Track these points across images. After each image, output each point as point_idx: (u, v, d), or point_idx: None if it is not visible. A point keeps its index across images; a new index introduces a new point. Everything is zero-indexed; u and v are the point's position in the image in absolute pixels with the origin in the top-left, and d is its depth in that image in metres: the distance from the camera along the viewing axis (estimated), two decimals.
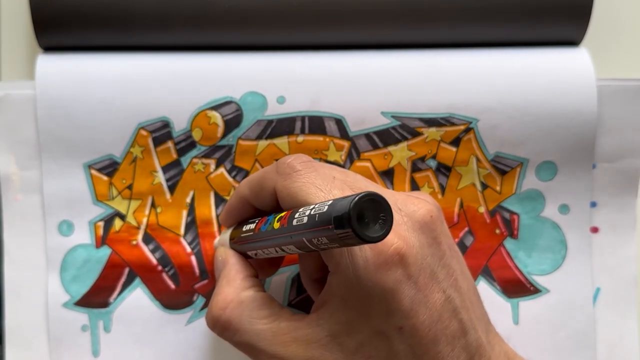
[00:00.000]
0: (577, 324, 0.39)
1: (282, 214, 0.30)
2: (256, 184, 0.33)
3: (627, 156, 0.39)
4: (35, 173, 0.38)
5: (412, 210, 0.30)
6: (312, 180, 0.30)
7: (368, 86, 0.38)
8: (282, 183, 0.31)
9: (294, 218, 0.28)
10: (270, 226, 0.30)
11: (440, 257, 0.30)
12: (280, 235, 0.29)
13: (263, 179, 0.32)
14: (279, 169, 0.31)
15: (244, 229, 0.33)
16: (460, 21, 0.38)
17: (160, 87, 0.37)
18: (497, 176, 0.39)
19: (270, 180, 0.32)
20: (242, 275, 0.33)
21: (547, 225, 0.39)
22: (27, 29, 0.40)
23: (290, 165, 0.31)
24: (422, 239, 0.30)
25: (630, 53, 0.43)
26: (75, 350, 0.38)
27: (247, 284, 0.32)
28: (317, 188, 0.30)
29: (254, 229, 0.32)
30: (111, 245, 0.38)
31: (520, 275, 0.39)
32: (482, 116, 0.38)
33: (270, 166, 0.32)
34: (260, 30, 0.38)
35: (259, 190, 0.33)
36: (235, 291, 0.32)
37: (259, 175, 0.33)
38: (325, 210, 0.26)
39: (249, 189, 0.33)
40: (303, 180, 0.30)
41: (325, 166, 0.32)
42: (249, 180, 0.34)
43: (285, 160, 0.31)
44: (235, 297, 0.32)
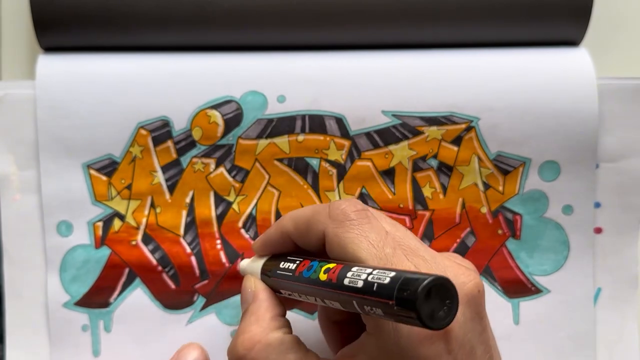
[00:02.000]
0: (577, 324, 0.39)
1: (330, 265, 0.29)
2: (303, 223, 0.32)
3: (630, 156, 0.39)
4: (34, 173, 0.37)
5: (462, 282, 0.30)
6: (365, 233, 0.29)
7: (368, 85, 0.38)
8: (333, 230, 0.30)
9: (346, 277, 0.27)
10: (315, 274, 0.29)
11: (481, 332, 0.30)
12: (326, 289, 0.28)
13: (312, 219, 0.31)
14: (332, 214, 0.30)
15: (282, 266, 0.32)
16: (461, 21, 0.38)
17: (160, 87, 0.37)
18: (499, 176, 0.39)
19: (320, 223, 0.31)
20: (272, 315, 0.32)
21: (550, 226, 0.39)
22: (28, 30, 0.40)
23: (344, 212, 0.30)
24: (467, 313, 0.29)
25: (630, 53, 0.42)
26: (75, 350, 0.38)
27: (276, 324, 0.31)
28: (369, 243, 0.29)
29: (295, 271, 0.31)
30: (110, 245, 0.38)
31: (522, 275, 0.39)
32: (483, 115, 0.38)
33: (321, 207, 0.31)
34: (261, 30, 0.37)
35: (305, 230, 0.31)
36: (264, 332, 0.31)
37: (308, 214, 0.32)
38: (387, 283, 0.24)
39: (294, 226, 0.32)
40: (356, 232, 0.29)
41: (378, 217, 0.31)
42: (296, 217, 0.32)
43: (340, 205, 0.30)
44: (263, 337, 0.30)
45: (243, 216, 0.38)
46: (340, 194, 0.38)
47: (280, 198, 0.38)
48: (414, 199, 0.39)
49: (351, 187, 0.38)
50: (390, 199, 0.39)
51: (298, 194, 0.38)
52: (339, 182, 0.38)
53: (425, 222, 0.39)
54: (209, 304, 0.38)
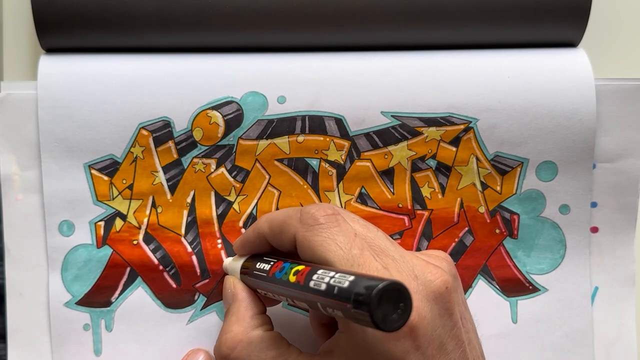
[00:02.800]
0: (575, 323, 0.39)
1: (299, 268, 0.30)
2: (277, 226, 0.33)
3: (627, 156, 0.39)
4: (35, 173, 0.38)
5: (429, 279, 0.30)
6: (333, 236, 0.30)
7: (368, 86, 0.38)
8: (303, 233, 0.31)
9: (312, 279, 0.28)
10: (285, 276, 0.30)
11: (451, 327, 0.30)
12: (294, 290, 0.29)
13: (285, 223, 0.32)
14: (302, 218, 0.32)
15: (257, 266, 0.33)
16: (459, 23, 0.38)
17: (161, 87, 0.37)
18: (497, 176, 0.39)
19: (292, 226, 0.32)
20: (251, 313, 0.33)
21: (547, 225, 0.39)
22: (30, 31, 0.40)
23: (314, 216, 0.31)
24: (435, 309, 0.30)
25: (628, 54, 0.43)
26: (77, 349, 0.38)
27: (256, 322, 0.33)
28: (337, 246, 0.30)
29: (268, 272, 0.32)
30: (112, 245, 0.38)
31: (519, 274, 0.39)
32: (481, 116, 0.38)
33: (294, 211, 0.33)
34: (261, 32, 0.38)
35: (279, 233, 0.33)
36: (245, 330, 0.32)
37: (281, 217, 0.33)
38: (346, 287, 0.26)
39: (269, 228, 0.33)
40: (324, 235, 0.31)
41: (348, 218, 0.32)
42: (270, 219, 0.34)
43: (310, 210, 0.32)
44: (244, 336, 0.32)
45: (244, 216, 0.38)
46: (340, 194, 0.39)
47: (281, 198, 0.39)
48: (413, 199, 0.39)
49: (351, 187, 0.39)
50: (390, 198, 0.39)
51: (298, 194, 0.39)
52: (338, 182, 0.39)
53: (424, 221, 0.39)
54: (210, 303, 0.39)
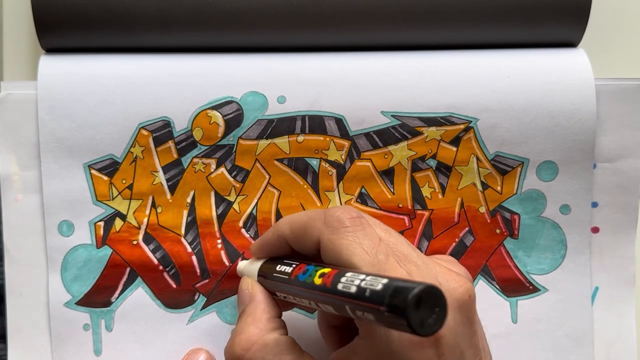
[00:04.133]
0: (575, 323, 0.39)
1: (325, 270, 0.29)
2: (299, 228, 0.32)
3: (628, 156, 0.39)
4: (35, 173, 0.38)
5: (453, 287, 0.30)
6: (359, 240, 0.30)
7: (368, 86, 0.38)
8: (328, 236, 0.31)
9: (340, 282, 0.27)
10: (310, 279, 0.30)
11: (471, 336, 0.30)
12: (321, 293, 0.29)
13: (308, 225, 0.32)
14: (327, 221, 0.31)
15: (278, 269, 0.33)
16: (459, 23, 0.38)
17: (161, 87, 0.37)
18: (497, 176, 0.39)
19: (315, 229, 0.31)
20: (268, 316, 0.32)
21: (548, 225, 0.39)
22: (30, 31, 0.40)
23: (339, 219, 0.31)
24: (457, 318, 0.30)
25: (628, 54, 0.43)
26: (77, 349, 0.38)
27: (272, 326, 0.32)
28: (363, 250, 0.29)
29: (290, 274, 0.31)
30: (112, 245, 0.38)
31: (520, 274, 0.39)
32: (481, 115, 0.38)
33: (317, 213, 0.32)
34: (261, 32, 0.38)
35: (301, 235, 0.32)
36: (260, 332, 0.32)
37: (304, 219, 0.32)
38: (379, 289, 0.25)
39: (291, 230, 0.33)
40: (350, 239, 0.30)
41: (372, 223, 0.32)
42: (292, 222, 0.33)
43: (335, 212, 0.31)
44: (260, 338, 0.31)
45: (244, 216, 0.38)
46: (340, 194, 0.39)
47: (281, 198, 0.39)
48: (413, 199, 0.39)
49: (351, 187, 0.39)
50: (390, 198, 0.39)
51: (298, 194, 0.39)
52: (338, 182, 0.39)
53: (424, 221, 0.39)
54: (210, 303, 0.39)
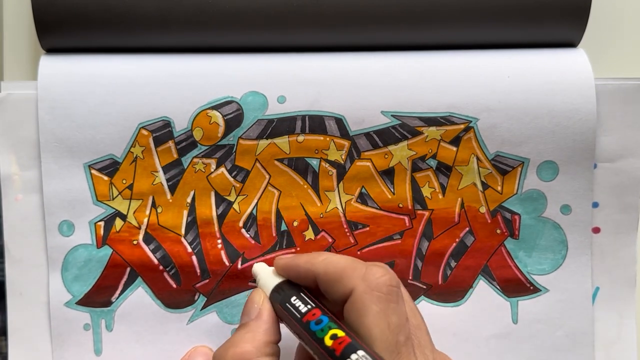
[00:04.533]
0: (575, 323, 0.39)
1: (339, 333, 0.29)
2: (334, 272, 0.31)
3: (628, 156, 0.39)
4: (35, 173, 0.38)
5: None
6: (388, 312, 0.30)
7: (368, 86, 0.38)
8: (362, 294, 0.30)
9: (350, 358, 0.27)
10: (321, 333, 0.29)
11: None
12: (325, 354, 0.29)
13: (345, 273, 0.31)
14: (367, 278, 0.30)
15: (293, 301, 0.32)
16: (460, 23, 0.38)
17: (161, 87, 0.37)
18: (498, 176, 0.39)
19: (353, 280, 0.31)
20: (267, 339, 0.32)
21: (549, 226, 0.39)
22: (30, 31, 0.40)
23: (379, 282, 0.30)
24: None
25: (627, 53, 0.43)
26: (77, 348, 0.38)
27: (267, 351, 0.32)
28: (387, 325, 0.29)
29: (303, 316, 0.31)
30: (112, 245, 0.38)
31: (520, 274, 0.39)
32: (481, 115, 0.38)
33: (358, 264, 0.32)
34: (261, 32, 0.38)
35: (335, 280, 0.31)
36: (254, 353, 0.31)
37: (343, 265, 0.32)
38: None
39: (325, 271, 0.32)
40: (381, 307, 0.30)
41: (405, 300, 0.32)
42: (329, 263, 0.32)
43: (377, 273, 0.31)
44: (252, 358, 0.31)
45: (244, 216, 0.38)
46: (340, 193, 0.39)
47: (281, 198, 0.39)
48: (413, 199, 0.39)
49: (351, 187, 0.39)
50: (390, 198, 0.39)
51: (298, 194, 0.39)
52: (338, 182, 0.39)
53: (424, 221, 0.39)
54: (210, 303, 0.39)
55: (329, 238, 0.39)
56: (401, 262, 0.39)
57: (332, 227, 0.39)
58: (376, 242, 0.39)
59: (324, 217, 0.39)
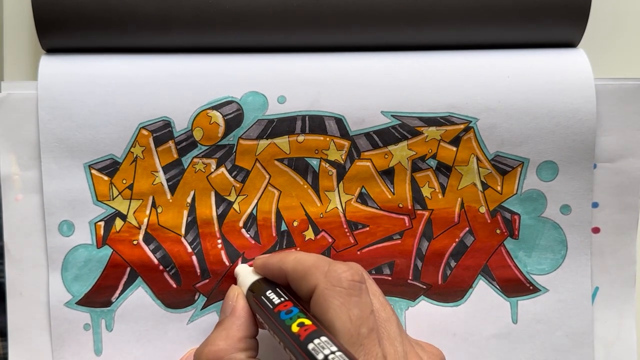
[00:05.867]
0: (575, 323, 0.39)
1: (306, 322, 0.30)
2: (301, 270, 0.33)
3: (628, 156, 0.39)
4: (36, 173, 0.38)
5: None
6: (349, 306, 0.31)
7: (368, 86, 0.38)
8: (323, 289, 0.31)
9: (312, 342, 0.29)
10: (289, 321, 0.31)
11: None
12: (290, 340, 0.30)
13: (310, 271, 0.32)
14: (328, 274, 0.32)
15: (267, 294, 0.33)
16: (459, 23, 0.38)
17: (161, 87, 0.37)
18: (497, 176, 0.39)
19: (315, 277, 0.32)
20: (242, 335, 0.33)
21: (548, 226, 0.39)
22: (30, 31, 0.40)
23: (339, 278, 0.31)
24: None
25: (627, 54, 0.43)
26: (77, 348, 0.38)
27: (242, 346, 0.33)
28: (349, 318, 0.30)
29: (275, 307, 0.32)
30: (112, 245, 0.38)
31: (520, 274, 0.39)
32: (481, 115, 0.38)
33: (323, 261, 0.33)
34: (261, 32, 0.38)
35: (301, 277, 0.33)
36: (229, 350, 0.32)
37: (308, 264, 0.33)
38: None
39: (293, 268, 0.33)
40: (341, 301, 0.31)
41: (372, 292, 0.33)
42: (297, 261, 0.33)
43: (338, 269, 0.32)
44: (226, 355, 0.32)
45: (244, 216, 0.39)
46: (340, 193, 0.39)
47: (281, 198, 0.39)
48: (413, 199, 0.39)
49: (351, 187, 0.39)
50: (390, 198, 0.39)
51: (298, 194, 0.39)
52: (338, 182, 0.39)
53: (424, 221, 0.39)
54: (210, 303, 0.39)
55: (329, 238, 0.39)
56: (401, 262, 0.39)
57: (332, 227, 0.39)
58: (376, 242, 0.39)
59: (324, 217, 0.39)
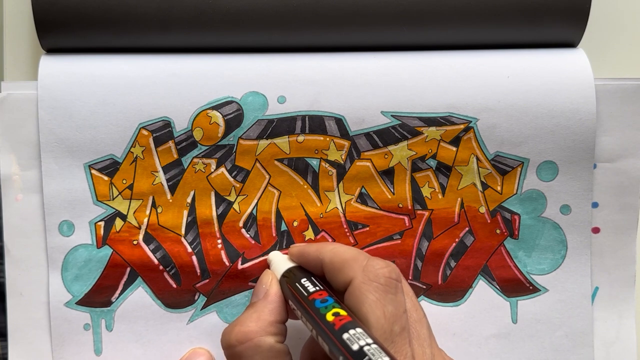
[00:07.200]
0: (575, 323, 0.39)
1: (341, 312, 0.30)
2: (338, 262, 0.33)
3: (628, 156, 0.39)
4: (36, 173, 0.38)
5: None
6: (384, 302, 0.31)
7: (368, 86, 0.38)
8: (359, 283, 0.31)
9: (348, 332, 0.29)
10: (324, 310, 0.31)
11: None
12: (325, 329, 0.30)
13: (347, 263, 0.32)
14: (366, 269, 0.32)
15: (302, 282, 0.33)
16: (459, 23, 0.38)
17: (161, 87, 0.37)
18: (497, 176, 0.39)
19: (353, 270, 0.32)
20: (272, 319, 0.33)
21: (548, 226, 0.39)
22: (30, 31, 0.40)
23: (377, 274, 0.31)
24: None
25: (627, 54, 0.43)
26: (77, 348, 0.38)
27: (272, 330, 0.32)
28: (383, 314, 0.30)
29: (310, 295, 0.32)
30: (112, 245, 0.38)
31: (520, 274, 0.39)
32: (481, 115, 0.38)
33: (361, 255, 0.33)
34: (261, 32, 0.38)
35: (337, 269, 0.33)
36: (259, 332, 0.32)
37: (346, 257, 0.33)
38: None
39: (330, 260, 0.33)
40: (377, 296, 0.31)
41: (406, 292, 0.33)
42: (335, 253, 0.33)
43: (377, 265, 0.32)
44: (256, 337, 0.32)
45: (244, 216, 0.39)
46: (340, 193, 0.39)
47: (281, 198, 0.39)
48: (413, 199, 0.39)
49: (351, 187, 0.39)
50: (390, 198, 0.39)
51: (298, 194, 0.39)
52: (338, 182, 0.39)
53: (424, 221, 0.39)
54: (210, 303, 0.39)
55: (329, 238, 0.39)
56: (401, 262, 0.39)
57: (332, 227, 0.39)
58: (376, 242, 0.39)
59: (324, 217, 0.39)
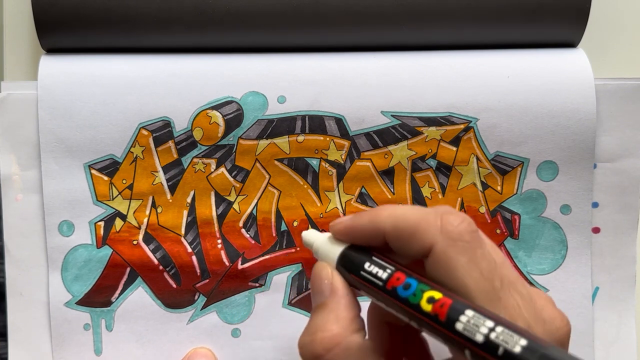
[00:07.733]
0: (575, 323, 0.39)
1: (435, 295, 0.26)
2: (407, 228, 0.28)
3: (628, 156, 0.39)
4: (36, 173, 0.38)
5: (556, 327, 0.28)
6: (477, 259, 0.27)
7: (368, 86, 0.38)
8: (444, 248, 0.27)
9: (459, 321, 0.25)
10: (414, 299, 0.26)
11: None
12: (433, 325, 0.26)
13: (419, 227, 0.28)
14: (445, 229, 0.27)
15: (367, 268, 0.28)
16: (460, 23, 0.38)
17: (161, 87, 0.37)
18: (497, 176, 0.39)
19: (429, 234, 0.27)
20: (352, 315, 0.29)
21: (548, 226, 0.39)
22: (30, 31, 0.40)
23: (459, 230, 0.27)
24: None
25: (627, 53, 0.43)
26: (77, 348, 0.38)
27: (355, 327, 0.29)
28: (480, 273, 0.26)
29: (386, 283, 0.28)
30: (112, 245, 0.38)
31: (520, 274, 0.39)
32: (481, 115, 0.38)
33: (430, 215, 0.28)
34: (261, 32, 0.38)
35: (408, 237, 0.28)
36: (344, 333, 0.28)
37: (415, 219, 0.28)
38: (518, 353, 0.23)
39: (394, 226, 0.28)
40: (469, 256, 0.27)
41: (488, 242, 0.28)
42: (397, 217, 0.28)
43: (454, 221, 0.27)
44: (343, 340, 0.28)
45: (244, 216, 0.39)
46: (340, 193, 0.39)
47: (281, 198, 0.39)
48: (413, 199, 0.39)
49: (351, 187, 0.39)
50: (390, 198, 0.39)
51: (298, 194, 0.39)
52: (338, 182, 0.39)
53: None
54: (210, 303, 0.39)
55: None
56: None
57: None
58: None
59: (324, 217, 0.39)
